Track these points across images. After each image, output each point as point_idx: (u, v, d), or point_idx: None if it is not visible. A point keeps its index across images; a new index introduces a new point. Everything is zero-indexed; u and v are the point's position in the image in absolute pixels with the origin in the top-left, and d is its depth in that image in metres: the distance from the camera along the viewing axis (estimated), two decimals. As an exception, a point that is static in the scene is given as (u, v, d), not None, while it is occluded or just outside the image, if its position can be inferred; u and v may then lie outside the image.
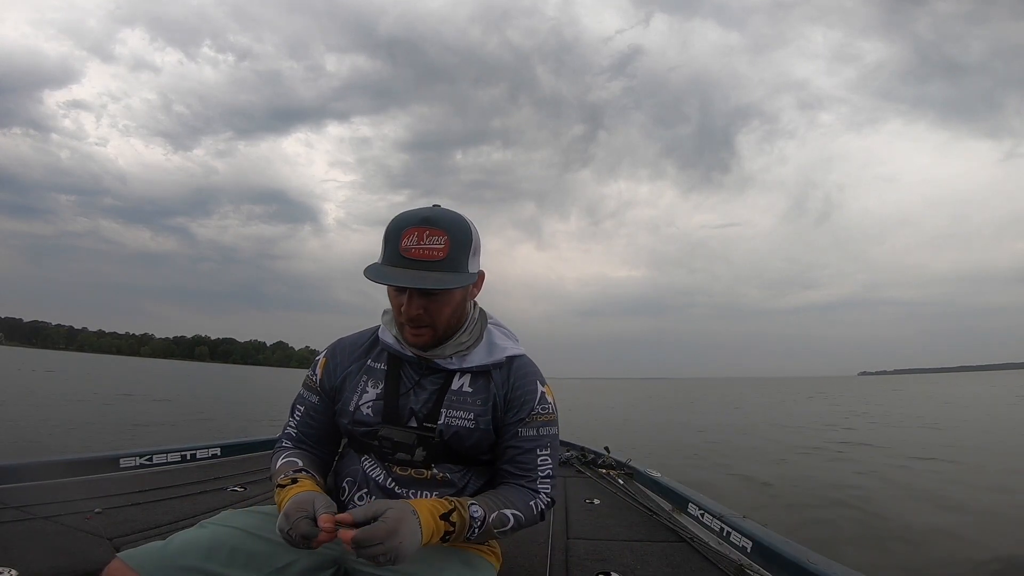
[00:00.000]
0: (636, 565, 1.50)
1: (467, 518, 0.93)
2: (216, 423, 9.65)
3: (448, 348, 1.05)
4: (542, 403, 1.08)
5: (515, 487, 1.06)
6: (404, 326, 1.01)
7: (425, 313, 0.98)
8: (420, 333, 1.00)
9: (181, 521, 1.66)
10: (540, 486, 1.06)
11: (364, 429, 1.05)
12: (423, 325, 1.00)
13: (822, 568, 1.27)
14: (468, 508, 0.94)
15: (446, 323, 1.02)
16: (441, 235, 0.95)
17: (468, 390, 1.06)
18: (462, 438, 1.03)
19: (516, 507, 1.01)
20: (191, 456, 2.48)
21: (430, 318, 0.99)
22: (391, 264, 0.96)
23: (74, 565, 1.28)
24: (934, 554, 3.42)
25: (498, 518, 0.97)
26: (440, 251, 0.95)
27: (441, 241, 0.95)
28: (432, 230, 0.95)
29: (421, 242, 0.94)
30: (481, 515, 0.95)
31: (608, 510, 2.09)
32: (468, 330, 1.07)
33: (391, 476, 1.03)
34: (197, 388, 22.45)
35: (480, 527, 0.94)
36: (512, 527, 1.00)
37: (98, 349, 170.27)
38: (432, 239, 0.95)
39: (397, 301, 0.99)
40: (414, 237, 0.95)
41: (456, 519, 0.91)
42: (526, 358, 1.12)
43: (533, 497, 1.05)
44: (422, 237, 0.95)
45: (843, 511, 4.45)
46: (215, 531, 0.92)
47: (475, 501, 0.97)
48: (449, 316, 1.01)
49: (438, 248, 0.95)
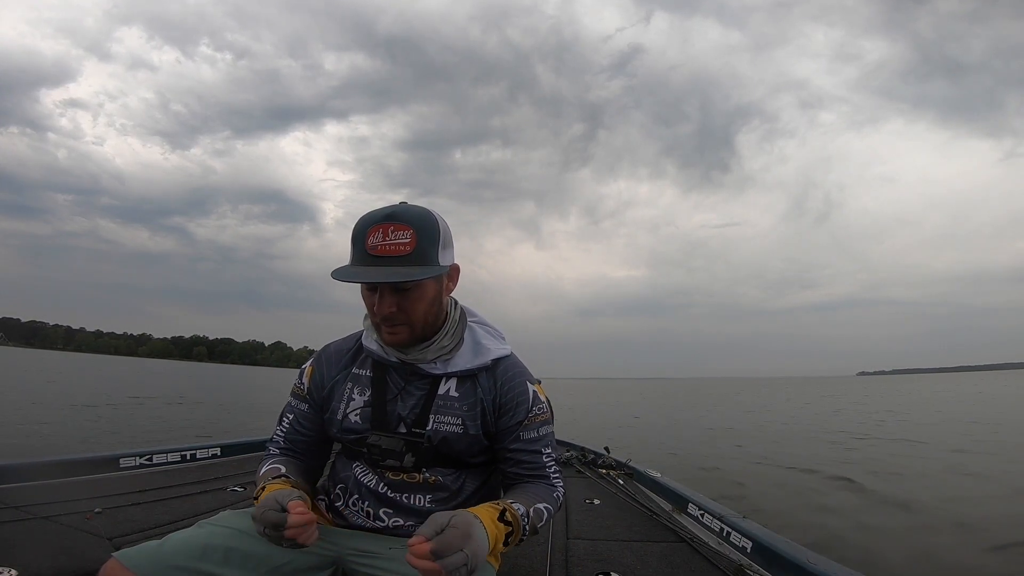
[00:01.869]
0: (636, 565, 1.51)
1: (518, 515, 0.92)
2: (216, 423, 9.66)
3: (430, 352, 1.03)
4: (536, 403, 1.08)
5: (535, 484, 1.06)
6: (380, 326, 1.00)
7: (399, 311, 0.97)
8: (396, 331, 0.99)
9: (181, 521, 1.66)
10: (554, 480, 1.09)
11: (353, 436, 1.05)
12: (398, 323, 0.98)
13: (822, 568, 1.27)
14: (512, 505, 0.93)
15: (422, 319, 1.00)
16: (406, 230, 0.94)
17: (455, 394, 1.05)
18: (451, 443, 1.03)
19: (545, 500, 1.02)
20: (191, 456, 2.48)
21: (405, 315, 0.97)
22: (359, 263, 0.95)
23: (74, 565, 1.27)
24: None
25: (535, 512, 0.97)
26: (406, 245, 0.94)
27: (407, 235, 0.94)
28: (397, 225, 0.94)
29: (386, 238, 0.93)
30: (524, 511, 0.94)
31: (608, 510, 2.09)
32: (449, 332, 1.05)
33: (383, 481, 1.03)
34: (197, 387, 22.42)
35: (527, 523, 0.94)
36: (546, 520, 1.01)
37: (96, 349, 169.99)
38: (397, 234, 0.94)
39: (370, 301, 0.98)
40: (379, 234, 0.94)
41: (510, 518, 0.90)
42: (513, 358, 1.10)
43: (554, 490, 1.07)
44: (387, 233, 0.94)
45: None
46: (211, 531, 0.93)
47: (513, 500, 0.96)
48: (424, 311, 0.99)
49: (404, 243, 0.93)
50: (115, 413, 10.07)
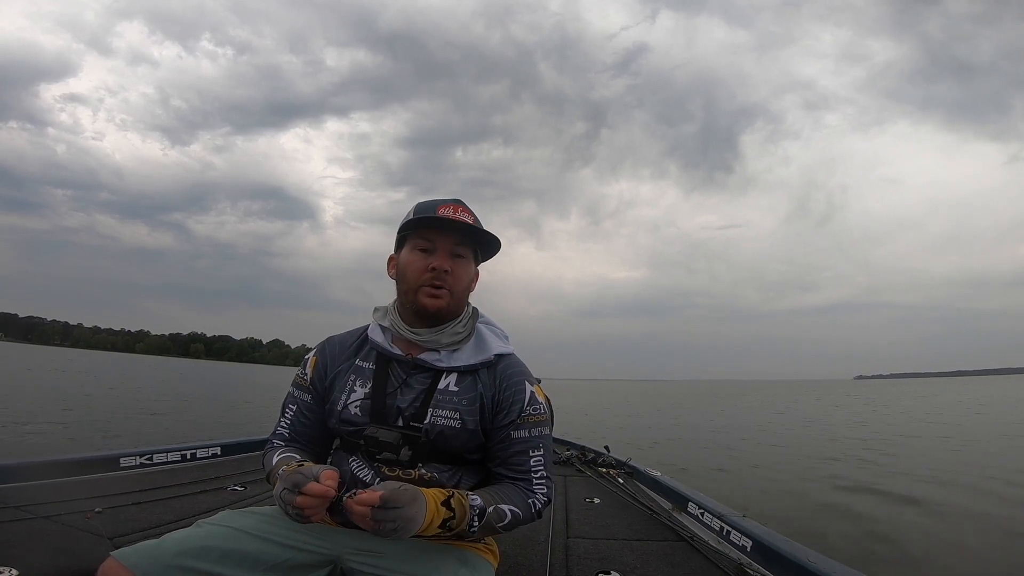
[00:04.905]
0: (636, 564, 1.51)
1: (467, 506, 0.94)
2: (215, 423, 9.65)
3: (444, 336, 1.08)
4: (532, 404, 1.08)
5: (511, 486, 1.06)
6: (420, 291, 1.06)
7: (450, 274, 1.06)
8: (439, 294, 1.05)
9: (181, 520, 1.66)
10: (536, 486, 1.07)
11: (351, 428, 1.06)
12: (444, 287, 1.05)
13: (822, 567, 1.27)
14: (468, 497, 0.95)
15: (462, 292, 1.09)
16: (470, 213, 1.09)
17: (454, 389, 1.06)
18: (448, 438, 1.04)
19: (513, 503, 1.01)
20: (191, 456, 2.48)
21: (452, 280, 1.06)
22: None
23: (74, 565, 1.27)
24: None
25: (496, 512, 0.98)
26: (472, 220, 1.08)
27: (471, 217, 1.08)
28: (464, 208, 1.08)
29: (456, 212, 1.06)
30: (480, 505, 0.96)
31: (608, 509, 2.10)
32: (463, 321, 1.11)
33: (379, 476, 1.03)
34: (196, 387, 22.38)
35: (480, 518, 0.95)
36: (510, 522, 1.00)
37: (93, 345, 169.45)
38: (464, 214, 1.07)
39: (424, 262, 1.06)
40: (450, 210, 1.06)
41: (455, 504, 0.92)
42: (514, 357, 1.12)
43: (530, 496, 1.05)
44: (456, 210, 1.07)
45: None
46: (210, 530, 0.94)
47: (474, 493, 0.98)
48: (464, 287, 1.09)
49: (470, 218, 1.07)
50: (115, 413, 10.04)
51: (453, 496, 0.93)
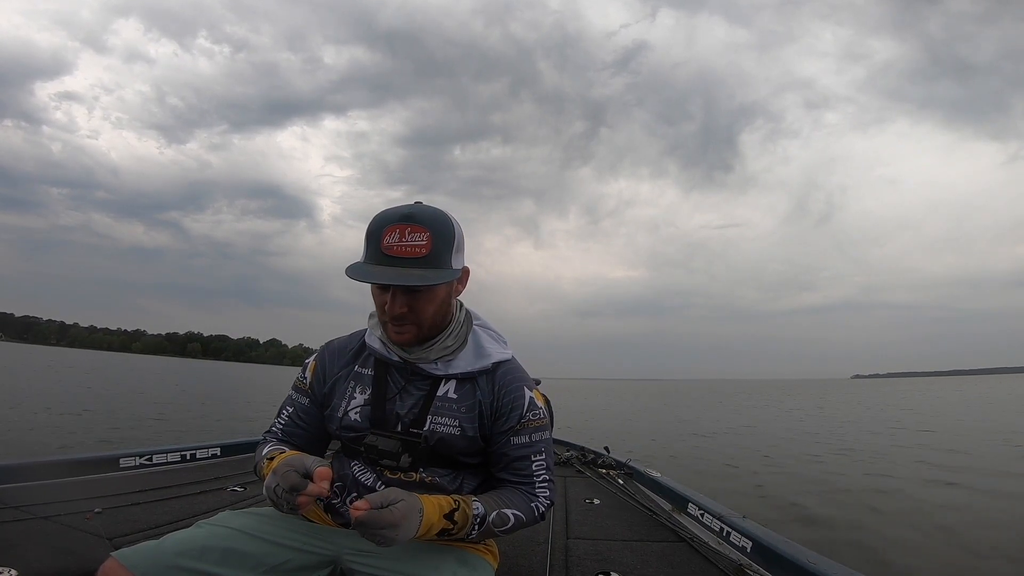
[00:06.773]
0: (636, 565, 1.51)
1: (470, 516, 0.94)
2: (215, 424, 9.63)
3: (433, 352, 1.04)
4: (532, 409, 1.07)
5: (514, 490, 1.06)
6: (387, 324, 1.01)
7: (409, 311, 0.98)
8: (403, 331, 1.00)
9: (181, 521, 1.66)
10: (538, 490, 1.07)
11: (352, 435, 1.05)
12: (407, 323, 0.99)
13: (822, 568, 1.28)
14: (471, 505, 0.96)
15: (431, 320, 1.01)
16: (423, 232, 0.94)
17: (453, 396, 1.05)
18: (448, 444, 1.03)
19: (516, 507, 1.02)
20: (191, 456, 2.48)
21: (415, 316, 0.98)
22: (373, 262, 0.95)
23: (74, 565, 1.27)
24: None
25: (499, 517, 0.98)
26: (423, 248, 0.94)
27: (423, 238, 0.94)
28: (414, 227, 0.94)
29: (403, 239, 0.93)
30: (482, 512, 0.96)
31: (608, 510, 2.10)
32: (453, 333, 1.06)
33: (381, 480, 1.04)
34: (195, 386, 22.33)
35: (480, 525, 0.96)
36: (512, 526, 1.01)
37: (89, 345, 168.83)
38: (414, 236, 0.93)
39: (381, 299, 0.99)
40: (396, 234, 0.94)
41: (459, 518, 0.93)
42: (513, 363, 1.10)
43: (533, 500, 1.06)
44: (404, 234, 0.93)
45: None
46: (210, 531, 0.94)
47: (478, 499, 0.98)
48: (433, 313, 1.00)
49: (420, 245, 0.93)
50: (114, 413, 10.01)
51: (458, 509, 0.93)
